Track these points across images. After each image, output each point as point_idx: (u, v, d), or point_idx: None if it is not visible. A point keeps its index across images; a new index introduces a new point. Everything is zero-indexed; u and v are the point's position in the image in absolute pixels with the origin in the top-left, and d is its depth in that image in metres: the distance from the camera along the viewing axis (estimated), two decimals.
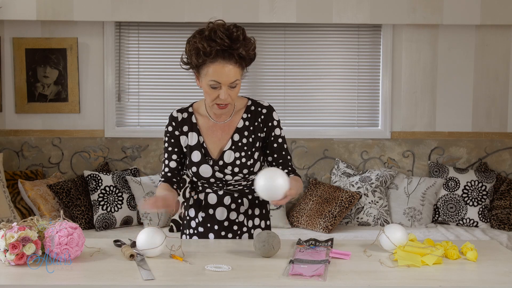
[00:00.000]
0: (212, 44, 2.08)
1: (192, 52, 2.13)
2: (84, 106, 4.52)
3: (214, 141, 2.28)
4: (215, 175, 2.26)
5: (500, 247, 2.15)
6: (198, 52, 2.10)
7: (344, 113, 4.63)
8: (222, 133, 2.28)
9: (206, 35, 2.10)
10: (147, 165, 4.53)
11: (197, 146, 2.27)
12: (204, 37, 2.10)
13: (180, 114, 2.31)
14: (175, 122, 2.30)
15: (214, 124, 2.29)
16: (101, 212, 4.10)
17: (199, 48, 2.10)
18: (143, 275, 1.76)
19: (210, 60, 2.10)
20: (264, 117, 2.30)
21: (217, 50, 2.09)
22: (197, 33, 2.14)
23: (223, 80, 2.11)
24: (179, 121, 2.30)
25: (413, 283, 1.74)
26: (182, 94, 4.59)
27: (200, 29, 2.14)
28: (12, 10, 4.25)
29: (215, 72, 2.11)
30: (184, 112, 2.31)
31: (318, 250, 2.03)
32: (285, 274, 1.78)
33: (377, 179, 4.33)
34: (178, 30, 4.53)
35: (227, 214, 2.31)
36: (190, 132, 2.29)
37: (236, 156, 2.25)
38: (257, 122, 2.29)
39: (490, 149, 4.57)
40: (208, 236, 2.32)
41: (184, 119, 2.30)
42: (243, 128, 2.28)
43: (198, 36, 2.12)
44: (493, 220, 4.26)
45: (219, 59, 2.10)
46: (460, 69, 4.54)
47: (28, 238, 1.85)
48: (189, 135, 2.29)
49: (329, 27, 4.56)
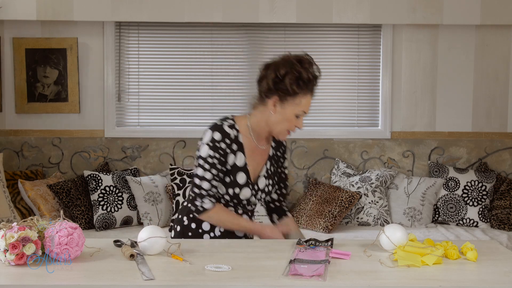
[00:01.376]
0: (311, 76, 2.16)
1: (292, 80, 2.15)
2: (84, 106, 4.52)
3: (253, 164, 2.30)
4: (250, 199, 2.30)
5: (500, 247, 2.15)
6: (298, 81, 2.15)
7: (344, 113, 4.63)
8: (260, 158, 2.32)
9: (307, 67, 2.16)
10: (147, 165, 4.53)
11: (244, 168, 2.27)
12: (305, 68, 2.15)
13: (231, 131, 2.25)
14: (228, 138, 2.24)
15: (256, 148, 2.31)
16: (101, 212, 4.10)
17: (300, 78, 2.14)
18: (143, 275, 1.77)
19: (306, 90, 2.17)
20: (284, 149, 2.44)
21: (314, 82, 2.18)
22: (295, 60, 2.17)
23: (307, 111, 2.21)
24: (231, 138, 2.24)
25: (413, 283, 1.74)
26: (182, 94, 4.59)
27: (297, 58, 2.18)
28: (12, 10, 4.25)
29: (306, 103, 2.20)
30: (233, 129, 2.26)
31: (318, 250, 2.03)
32: (285, 274, 1.78)
33: (377, 179, 4.33)
34: (178, 30, 4.53)
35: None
36: (238, 152, 2.26)
37: (266, 184, 2.33)
38: (279, 152, 2.41)
39: (490, 149, 4.57)
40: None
41: (235, 136, 2.26)
42: (273, 156, 2.38)
43: (299, 65, 2.15)
44: (493, 220, 4.26)
45: (310, 91, 2.20)
46: (460, 69, 4.54)
47: (28, 238, 1.85)
48: (237, 154, 2.26)
49: (329, 27, 4.56)
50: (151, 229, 1.99)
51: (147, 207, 4.18)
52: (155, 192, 4.23)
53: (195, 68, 4.57)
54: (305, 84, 2.15)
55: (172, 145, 4.54)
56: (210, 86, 4.58)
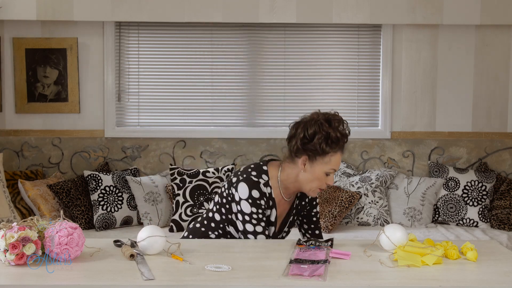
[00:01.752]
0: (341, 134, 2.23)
1: (321, 140, 2.21)
2: (84, 106, 4.52)
3: (279, 215, 2.39)
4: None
5: (500, 247, 2.15)
6: (327, 141, 2.20)
7: (344, 113, 4.56)
8: (282, 208, 2.39)
9: (336, 126, 2.22)
10: (147, 165, 4.53)
11: (274, 222, 2.36)
12: (334, 128, 2.21)
13: (266, 189, 2.30)
14: (265, 197, 2.30)
15: (283, 200, 2.38)
16: (101, 212, 4.10)
17: (329, 137, 2.20)
18: (143, 275, 1.77)
19: (335, 150, 2.23)
20: (311, 198, 2.48)
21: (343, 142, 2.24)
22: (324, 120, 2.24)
23: (337, 168, 2.27)
24: (267, 196, 2.31)
25: (413, 283, 1.74)
26: (182, 94, 4.59)
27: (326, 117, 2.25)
28: (12, 10, 4.25)
29: (336, 162, 2.25)
30: (267, 187, 2.31)
31: (318, 250, 2.03)
32: (285, 274, 1.78)
33: (377, 179, 4.33)
34: (178, 30, 4.53)
35: None
36: (272, 209, 2.34)
37: (285, 230, 2.45)
38: (304, 202, 2.47)
39: (490, 149, 4.57)
40: None
41: (269, 194, 2.32)
42: (296, 206, 2.45)
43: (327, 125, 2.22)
44: (493, 220, 4.26)
45: (340, 150, 2.25)
46: (460, 69, 4.54)
47: (28, 238, 1.85)
48: (272, 211, 2.34)
49: (329, 27, 4.55)
50: (151, 229, 1.99)
51: (147, 207, 4.18)
52: (155, 192, 4.23)
53: (195, 68, 4.57)
54: (334, 143, 2.21)
55: (172, 145, 4.54)
56: (210, 86, 4.58)
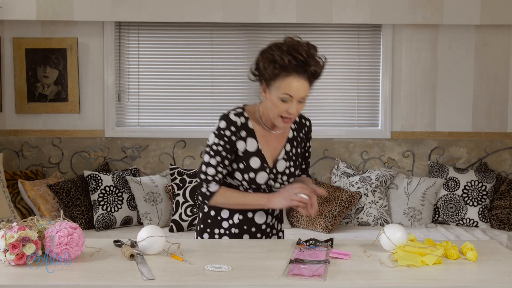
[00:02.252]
0: (289, 58, 2.13)
1: (267, 64, 2.16)
2: (84, 106, 4.52)
3: (269, 149, 2.32)
4: (268, 182, 2.30)
5: (500, 247, 2.15)
6: (275, 64, 2.14)
7: (344, 113, 4.63)
8: (276, 142, 2.34)
9: (285, 49, 2.14)
10: (147, 165, 4.53)
11: (256, 152, 2.29)
12: (282, 51, 2.14)
13: (238, 118, 2.28)
14: (235, 126, 2.27)
15: (269, 133, 2.33)
16: (101, 212, 4.10)
17: (276, 61, 2.14)
18: (143, 275, 1.77)
19: (285, 73, 2.15)
20: (307, 130, 2.45)
21: (294, 65, 2.14)
22: (274, 46, 2.18)
23: (295, 94, 2.16)
24: (238, 125, 2.28)
25: (413, 283, 1.74)
26: (182, 94, 4.59)
27: (277, 43, 2.19)
28: (12, 10, 4.25)
29: (288, 86, 2.16)
30: (241, 116, 2.30)
31: (318, 250, 2.04)
32: (285, 274, 1.78)
33: (377, 179, 4.33)
34: (178, 30, 4.53)
35: (266, 218, 2.36)
36: (249, 138, 2.29)
37: (287, 166, 2.34)
38: (301, 133, 2.42)
39: (490, 149, 4.57)
40: (242, 237, 2.35)
41: (242, 124, 2.29)
42: (293, 138, 2.39)
43: (276, 49, 2.15)
44: (493, 220, 4.26)
45: (294, 73, 2.15)
46: (460, 69, 4.54)
47: (28, 238, 1.85)
48: (247, 141, 2.29)
49: (329, 27, 4.56)
50: (151, 229, 1.99)
51: (147, 207, 4.18)
52: (155, 192, 4.23)
53: (195, 68, 4.57)
54: (282, 67, 2.14)
55: (172, 145, 4.54)
56: (210, 86, 4.58)
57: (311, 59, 2.17)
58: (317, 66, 2.20)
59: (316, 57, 2.21)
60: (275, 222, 2.41)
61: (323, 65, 2.25)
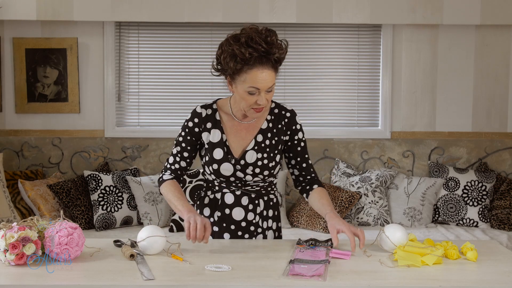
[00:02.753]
0: (250, 51, 2.07)
1: (227, 59, 2.10)
2: (84, 106, 4.52)
3: (238, 140, 2.28)
4: (236, 174, 2.25)
5: (500, 247, 2.15)
6: (235, 59, 2.08)
7: (344, 113, 4.63)
8: (246, 133, 2.28)
9: (243, 42, 2.08)
10: (147, 165, 4.53)
11: (220, 143, 2.26)
12: (241, 44, 2.08)
13: (204, 110, 2.29)
14: (198, 118, 2.28)
15: (238, 124, 2.29)
16: (101, 212, 4.10)
17: (236, 55, 2.08)
18: (143, 275, 1.77)
19: (248, 66, 2.09)
20: (287, 121, 2.32)
21: (255, 57, 2.08)
22: (231, 39, 2.11)
23: (261, 86, 2.11)
24: (202, 117, 2.28)
25: (413, 283, 1.74)
26: (182, 94, 4.59)
27: (234, 35, 2.12)
28: (12, 10, 4.25)
29: (253, 79, 2.10)
30: (208, 109, 2.29)
31: (318, 250, 2.03)
32: (285, 274, 1.78)
33: (377, 179, 4.33)
34: (178, 30, 4.53)
35: (245, 214, 2.31)
36: (213, 129, 2.27)
37: (258, 157, 2.26)
38: (280, 125, 2.31)
39: (490, 149, 4.57)
40: (223, 236, 2.31)
41: (208, 115, 2.28)
42: (267, 129, 2.30)
43: (234, 43, 2.09)
44: (493, 220, 4.26)
45: (257, 64, 2.10)
46: (460, 69, 4.54)
47: (28, 238, 1.85)
48: (211, 131, 2.27)
49: (329, 27, 4.56)
50: (151, 229, 2.00)
51: (147, 207, 4.18)
52: (155, 192, 4.23)
53: (195, 68, 4.57)
54: (244, 61, 2.08)
55: (172, 145, 4.54)
56: (210, 86, 4.58)
57: (272, 47, 2.11)
58: (280, 51, 2.14)
59: (276, 42, 2.14)
60: (260, 220, 2.33)
61: (285, 48, 2.18)
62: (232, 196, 2.31)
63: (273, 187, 2.38)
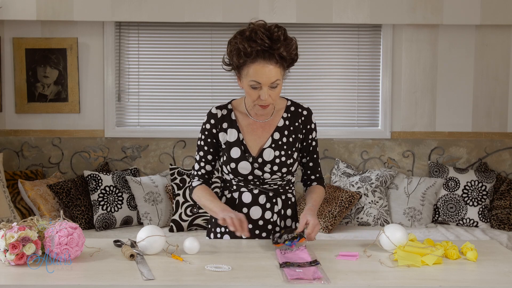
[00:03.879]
0: (252, 45, 2.10)
1: (233, 53, 2.16)
2: (84, 106, 4.52)
3: (254, 138, 2.29)
4: (254, 172, 2.26)
5: (500, 247, 2.15)
6: (239, 53, 2.13)
7: (344, 113, 4.63)
8: (262, 131, 2.30)
9: (247, 36, 2.12)
10: (147, 165, 4.53)
11: (237, 142, 2.27)
12: (244, 38, 2.12)
13: (219, 111, 2.30)
14: (214, 119, 2.30)
15: (254, 122, 2.30)
16: (101, 212, 4.10)
17: (239, 49, 2.12)
18: (143, 275, 1.77)
19: (250, 60, 2.12)
20: (304, 119, 2.34)
21: (257, 51, 2.10)
22: (238, 34, 2.16)
23: (263, 80, 2.13)
24: (218, 118, 2.29)
25: (413, 283, 1.74)
26: (182, 94, 4.59)
27: (241, 30, 2.16)
28: (12, 10, 4.25)
29: (255, 73, 2.13)
30: (223, 109, 2.31)
31: (297, 249, 2.01)
32: (285, 280, 1.76)
33: (377, 179, 4.33)
34: (178, 30, 4.53)
35: (262, 213, 2.31)
36: (229, 129, 2.29)
37: (276, 155, 2.27)
38: (297, 122, 2.33)
39: (490, 149, 4.57)
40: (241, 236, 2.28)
41: (223, 115, 2.30)
42: (284, 127, 2.32)
43: (239, 37, 2.14)
44: (493, 220, 4.26)
45: (259, 59, 2.12)
46: (460, 69, 4.54)
47: (28, 238, 1.85)
48: (228, 131, 2.29)
49: (329, 27, 4.56)
50: (150, 229, 1.99)
51: (147, 207, 4.18)
52: (155, 192, 4.23)
53: (195, 68, 4.57)
54: (246, 55, 2.12)
55: (172, 145, 4.54)
56: (210, 86, 4.58)
57: (276, 43, 2.12)
58: (286, 48, 2.14)
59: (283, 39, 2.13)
60: (278, 219, 2.33)
61: (294, 46, 2.17)
62: (249, 195, 2.31)
63: (291, 186, 2.38)
